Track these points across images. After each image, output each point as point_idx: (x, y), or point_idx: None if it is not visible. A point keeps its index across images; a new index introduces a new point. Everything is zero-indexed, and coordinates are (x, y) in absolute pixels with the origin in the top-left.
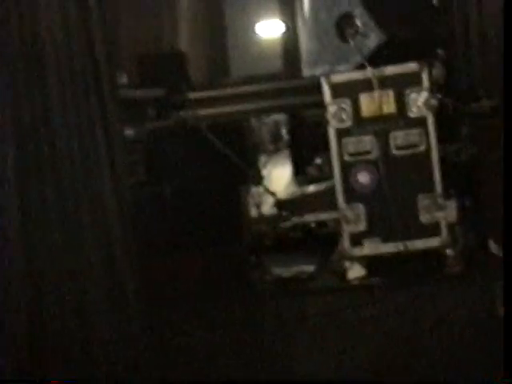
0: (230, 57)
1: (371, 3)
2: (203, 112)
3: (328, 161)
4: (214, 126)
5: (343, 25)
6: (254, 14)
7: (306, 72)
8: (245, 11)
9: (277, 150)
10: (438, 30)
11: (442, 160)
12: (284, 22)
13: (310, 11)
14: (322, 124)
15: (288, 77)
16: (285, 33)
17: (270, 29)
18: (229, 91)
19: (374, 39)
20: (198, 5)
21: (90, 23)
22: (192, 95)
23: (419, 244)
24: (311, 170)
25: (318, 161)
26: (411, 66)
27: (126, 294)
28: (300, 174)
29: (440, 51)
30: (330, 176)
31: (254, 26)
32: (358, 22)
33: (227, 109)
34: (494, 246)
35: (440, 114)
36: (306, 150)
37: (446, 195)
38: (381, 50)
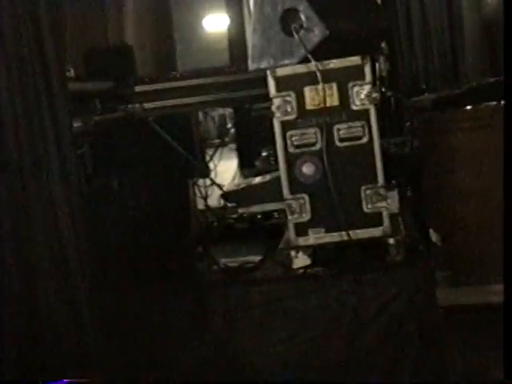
0: (178, 50)
1: None
2: (150, 105)
3: (274, 153)
4: (161, 119)
5: (288, 19)
6: (200, 8)
7: (252, 66)
8: (192, 5)
9: (223, 143)
10: (381, 24)
11: (384, 152)
12: (230, 16)
13: (255, 6)
14: (267, 117)
15: (234, 70)
16: (231, 27)
17: (216, 23)
18: (176, 84)
19: (318, 34)
20: None
21: (39, 16)
22: (139, 88)
23: (362, 233)
24: (258, 163)
25: (265, 153)
26: (354, 60)
27: (76, 285)
28: (247, 166)
29: (383, 45)
30: (276, 168)
31: (200, 20)
32: (303, 17)
33: (174, 102)
34: (434, 235)
35: (382, 107)
36: (252, 142)
37: (388, 186)
38: (325, 44)
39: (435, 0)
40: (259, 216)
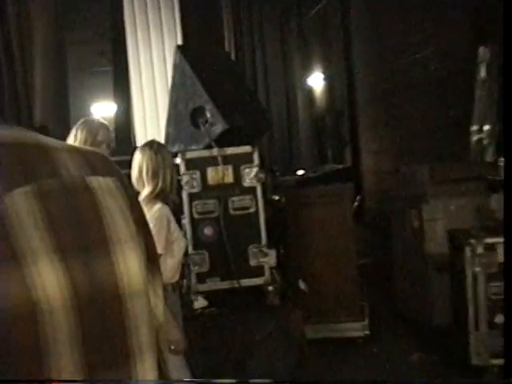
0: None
1: (218, 100)
2: None
3: None
4: None
5: (196, 115)
6: (90, 95)
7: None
8: (83, 93)
9: None
10: (265, 121)
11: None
12: (117, 104)
13: (170, 102)
14: None
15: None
16: (118, 114)
17: (104, 110)
18: None
19: (219, 127)
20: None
21: None
22: None
23: (248, 282)
24: None
25: None
26: (246, 148)
27: None
28: None
29: (266, 135)
30: None
31: (89, 106)
32: (208, 114)
33: None
34: (302, 284)
35: (264, 183)
36: None
37: (269, 245)
38: (224, 135)
39: (277, 100)
40: None
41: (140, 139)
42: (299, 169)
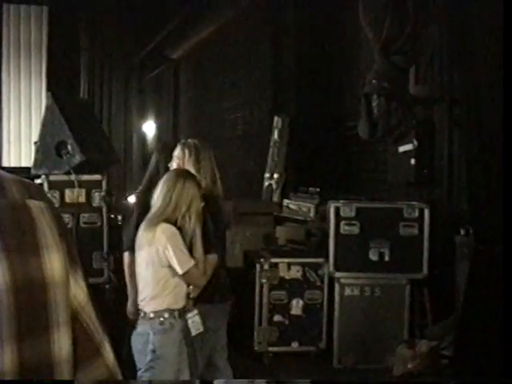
0: None
1: (78, 136)
2: None
3: None
4: None
5: (60, 146)
6: None
7: (33, 171)
8: None
9: None
10: (113, 154)
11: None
12: None
13: (40, 135)
14: None
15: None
16: None
17: None
18: None
19: (78, 158)
20: None
21: None
22: None
23: (93, 281)
24: None
25: None
26: (96, 176)
27: None
28: None
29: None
30: None
31: None
32: (69, 147)
33: None
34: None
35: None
36: None
37: (108, 253)
38: (81, 164)
39: (118, 140)
40: None
41: (4, 160)
42: (131, 194)
